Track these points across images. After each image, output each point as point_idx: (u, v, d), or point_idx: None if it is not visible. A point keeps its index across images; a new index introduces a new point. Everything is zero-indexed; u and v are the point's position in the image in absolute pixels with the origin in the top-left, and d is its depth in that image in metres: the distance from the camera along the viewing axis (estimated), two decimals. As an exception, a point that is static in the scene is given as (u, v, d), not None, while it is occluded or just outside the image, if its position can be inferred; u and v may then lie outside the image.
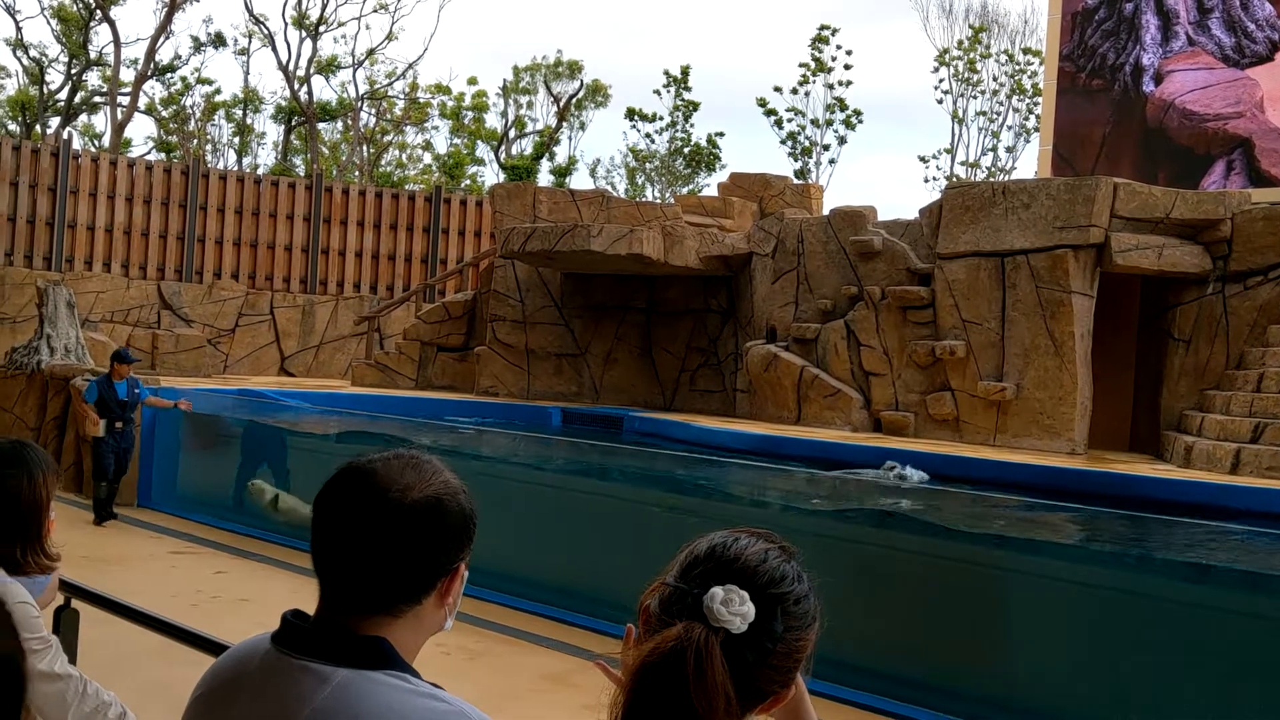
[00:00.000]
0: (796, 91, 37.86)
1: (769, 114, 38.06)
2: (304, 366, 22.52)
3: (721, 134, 38.53)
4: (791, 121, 37.97)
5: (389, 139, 39.93)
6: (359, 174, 37.13)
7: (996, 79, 37.94)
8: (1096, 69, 19.71)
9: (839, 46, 37.45)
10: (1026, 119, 37.38)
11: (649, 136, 39.36)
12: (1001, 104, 38.00)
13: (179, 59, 37.81)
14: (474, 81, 39.72)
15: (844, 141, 38.02)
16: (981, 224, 13.26)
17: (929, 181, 41.29)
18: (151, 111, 37.78)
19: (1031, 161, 39.35)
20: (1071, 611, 6.86)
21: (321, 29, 35.92)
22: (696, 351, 17.29)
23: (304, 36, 35.99)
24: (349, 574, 1.62)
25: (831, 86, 37.65)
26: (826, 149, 38.06)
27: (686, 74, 38.82)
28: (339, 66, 37.54)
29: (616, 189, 38.99)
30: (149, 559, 10.58)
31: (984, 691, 6.92)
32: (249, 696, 1.61)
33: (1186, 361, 12.92)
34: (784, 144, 38.12)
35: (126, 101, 34.52)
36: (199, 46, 37.37)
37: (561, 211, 17.78)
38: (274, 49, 37.54)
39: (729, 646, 1.40)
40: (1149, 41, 19.21)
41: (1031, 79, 36.71)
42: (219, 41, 37.44)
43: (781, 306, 15.30)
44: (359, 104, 37.65)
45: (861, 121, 37.76)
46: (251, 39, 38.42)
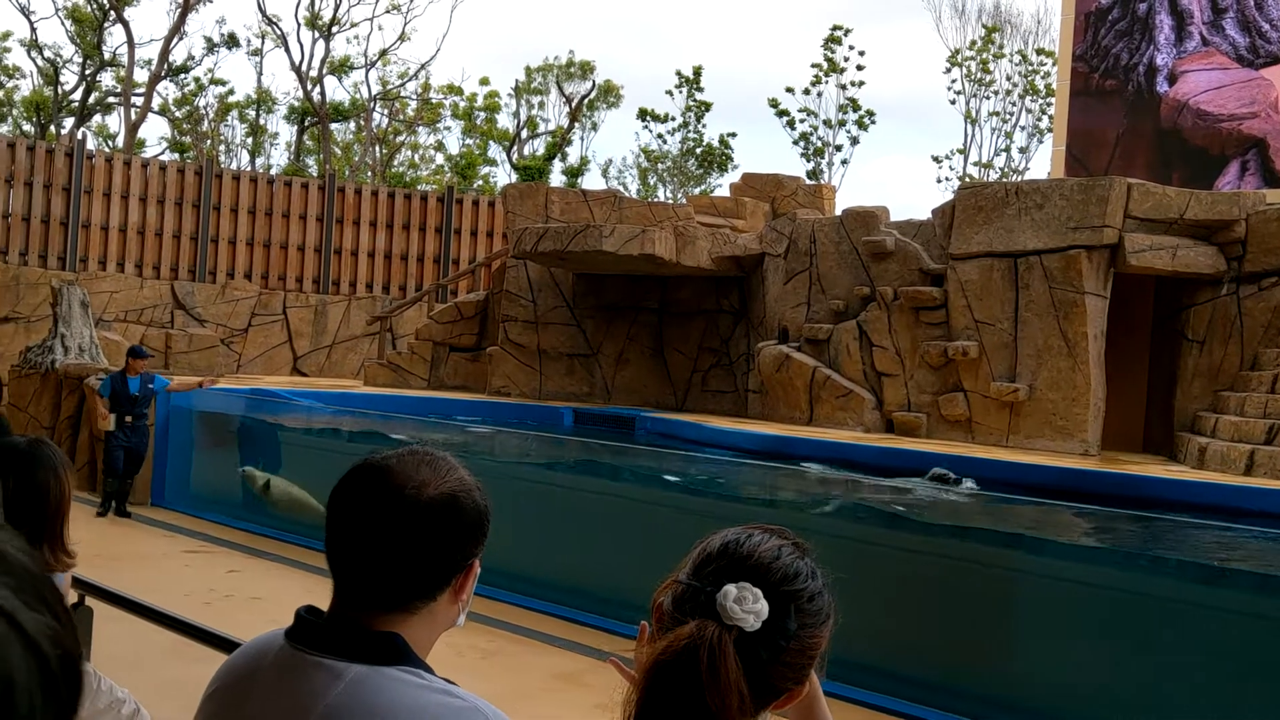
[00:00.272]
0: (809, 92, 37.84)
1: (781, 114, 38.04)
2: (316, 366, 22.57)
3: (734, 134, 38.54)
4: (804, 122, 37.95)
5: (401, 139, 39.99)
6: (372, 174, 37.19)
7: (1010, 79, 37.85)
8: (1110, 69, 19.65)
9: (851, 47, 37.42)
10: (1040, 119, 37.28)
11: (661, 137, 39.37)
12: (1014, 104, 37.92)
13: (192, 60, 37.96)
14: (486, 82, 39.84)
15: (856, 142, 37.99)
16: (994, 224, 13.23)
17: (942, 182, 41.21)
18: (165, 112, 37.92)
19: (1045, 162, 39.22)
20: (1086, 612, 6.84)
21: (334, 30, 36.01)
22: (708, 352, 17.28)
23: (317, 37, 36.09)
24: (364, 570, 1.62)
25: (844, 87, 37.62)
26: (839, 149, 38.03)
27: (699, 74, 38.81)
28: (352, 67, 37.63)
29: (629, 189, 38.99)
30: (162, 558, 10.61)
31: (996, 692, 6.91)
32: (263, 692, 1.61)
33: (1200, 362, 12.87)
34: (796, 144, 38.12)
35: (140, 102, 34.64)
36: (212, 47, 37.50)
37: (574, 212, 17.78)
38: (287, 50, 37.65)
39: (742, 644, 1.40)
40: (1163, 42, 19.15)
41: (1045, 79, 36.61)
42: (232, 42, 37.55)
43: (794, 307, 15.28)
44: (372, 104, 37.73)
45: (874, 122, 37.73)
46: (264, 40, 38.61)
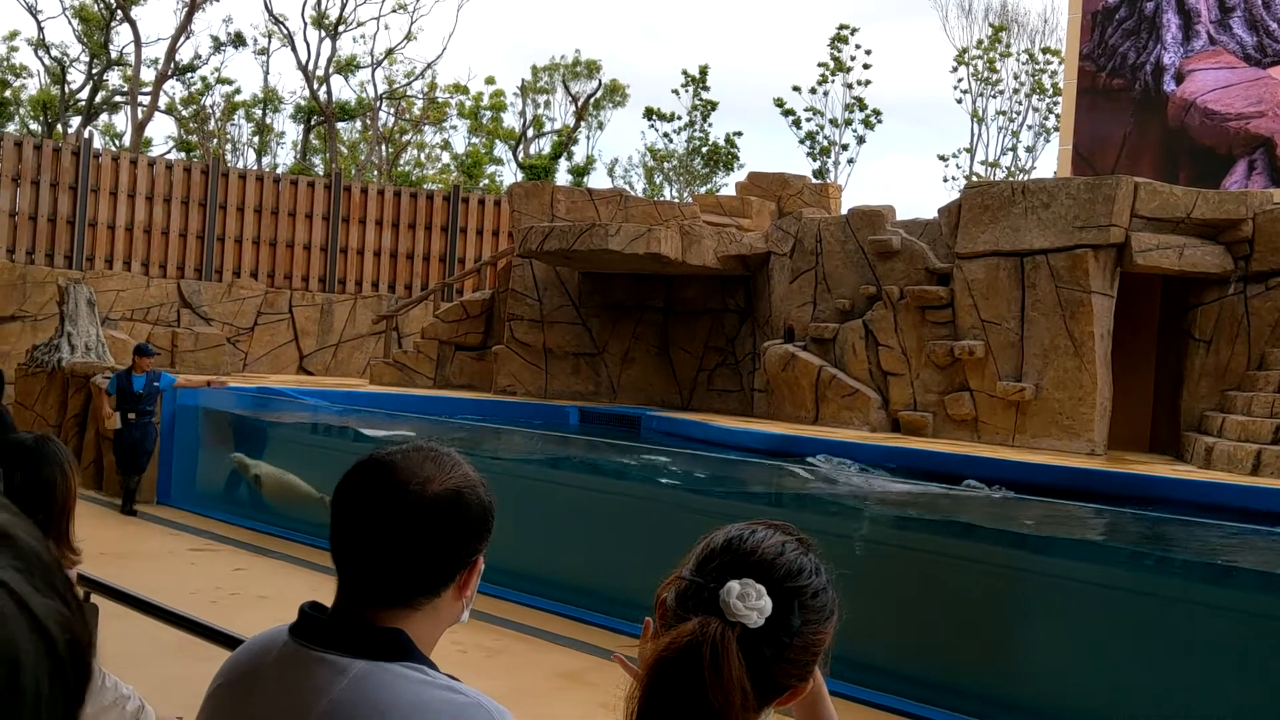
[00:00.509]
0: (815, 91, 37.84)
1: (787, 114, 38.04)
2: (322, 365, 22.59)
3: (740, 133, 38.55)
4: (810, 121, 37.95)
5: (407, 138, 40.02)
6: (377, 173, 37.23)
7: (1016, 78, 37.82)
8: (1117, 68, 19.61)
9: (858, 46, 37.42)
10: (1046, 118, 37.23)
11: (667, 136, 39.39)
12: (1021, 103, 37.88)
13: (199, 59, 38.06)
14: (492, 81, 39.79)
15: (862, 141, 38.00)
16: (1001, 223, 13.20)
17: (948, 181, 41.20)
18: (172, 111, 37.99)
19: (1051, 161, 39.07)
20: (1093, 612, 6.83)
21: (341, 29, 36.04)
22: (714, 351, 17.27)
23: (323, 36, 36.12)
24: (368, 566, 1.62)
25: (850, 86, 37.61)
26: (845, 149, 38.03)
27: (705, 74, 38.81)
28: (358, 66, 37.66)
29: (634, 188, 38.99)
30: (168, 555, 10.63)
31: (1006, 693, 6.90)
32: (266, 688, 1.61)
33: (1207, 362, 12.84)
34: (802, 144, 38.12)
35: (147, 101, 34.70)
36: (219, 46, 37.58)
37: (579, 211, 17.78)
38: (293, 49, 37.63)
39: (745, 641, 1.39)
40: (1170, 41, 19.11)
41: (1051, 78, 36.57)
42: (239, 41, 37.62)
43: (799, 306, 15.27)
44: (378, 104, 37.76)
45: (880, 121, 37.74)
46: (271, 39, 38.64)
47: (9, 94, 37.16)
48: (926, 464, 11.34)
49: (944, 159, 49.19)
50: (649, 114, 39.22)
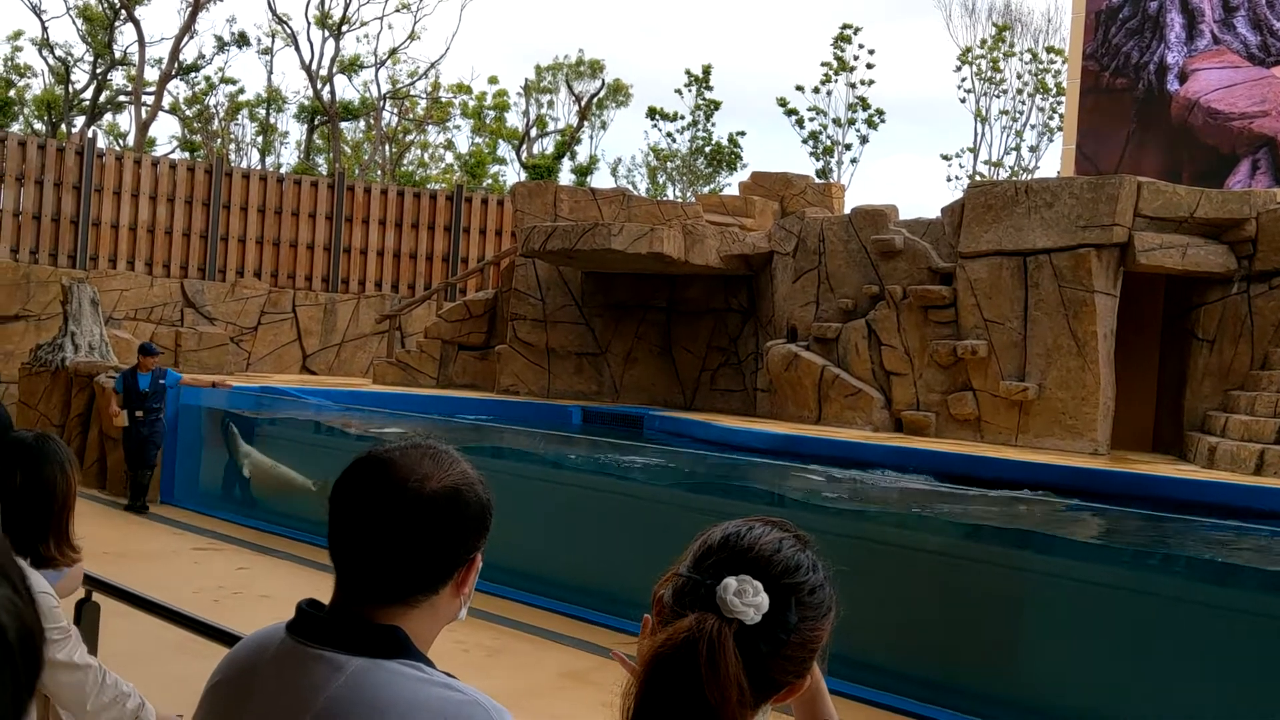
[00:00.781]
0: (818, 91, 37.82)
1: (790, 113, 38.01)
2: (326, 365, 22.60)
3: (743, 133, 38.56)
4: (813, 121, 37.92)
5: (411, 138, 40.03)
6: (381, 173, 37.24)
7: (1020, 77, 37.78)
8: (1120, 68, 19.59)
9: (861, 45, 37.41)
10: (1050, 118, 37.20)
11: (670, 136, 39.38)
12: (1024, 103, 37.85)
13: (203, 58, 38.07)
14: (495, 80, 39.82)
15: (866, 141, 37.97)
16: (1004, 223, 13.19)
17: (951, 181, 41.18)
18: (175, 111, 38.02)
19: (1055, 160, 39.12)
20: (1097, 612, 6.82)
21: (344, 28, 36.06)
22: (717, 351, 17.26)
23: (327, 36, 36.15)
24: (366, 563, 1.62)
25: (854, 85, 37.60)
26: (848, 148, 38.01)
27: (708, 73, 38.80)
28: (361, 66, 37.67)
29: (638, 188, 39.01)
30: (171, 555, 10.64)
31: (1009, 694, 6.90)
32: (264, 685, 1.61)
33: (1210, 362, 12.82)
34: (805, 143, 38.09)
35: (151, 101, 34.73)
36: (223, 46, 37.60)
37: (582, 210, 17.78)
38: (297, 48, 37.69)
39: (742, 637, 1.38)
40: (1173, 40, 19.09)
41: (1055, 78, 36.54)
42: (242, 41, 37.64)
43: (802, 306, 15.26)
44: (381, 103, 37.75)
45: (884, 121, 37.69)
46: (275, 38, 38.64)
47: (13, 93, 37.21)
48: (930, 464, 11.33)
49: (947, 159, 49.21)
50: (652, 114, 39.22)
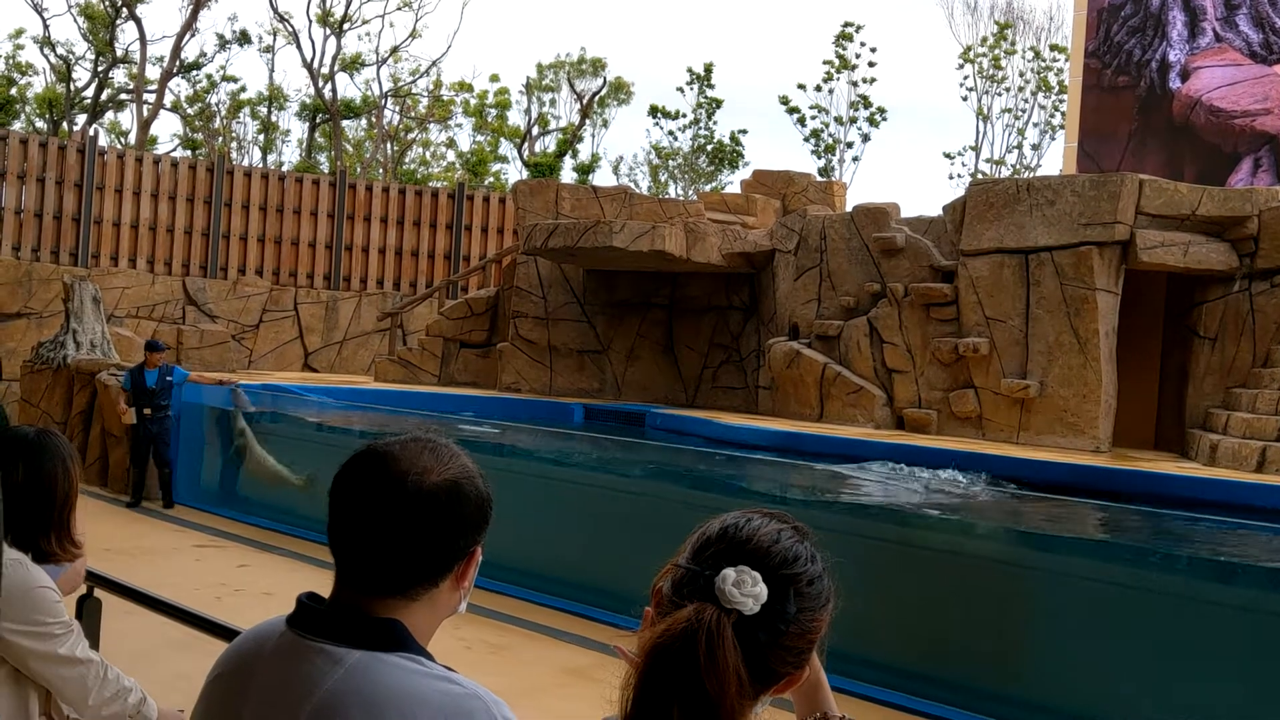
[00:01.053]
0: (820, 89, 37.79)
1: (792, 111, 37.98)
2: (327, 362, 22.61)
3: (744, 131, 38.50)
4: (815, 119, 37.89)
5: (412, 136, 40.02)
6: (383, 171, 37.25)
7: (1022, 75, 37.75)
8: (1122, 65, 19.58)
9: (863, 44, 37.38)
10: (1052, 116, 37.18)
11: (672, 134, 39.36)
12: (1027, 101, 37.82)
13: (204, 56, 38.03)
14: (497, 78, 39.78)
15: (867, 139, 37.92)
16: (1005, 221, 13.19)
17: (954, 179, 41.15)
18: (177, 109, 38.00)
19: (1057, 158, 39.16)
20: (1101, 610, 6.81)
21: (346, 26, 36.04)
22: (719, 348, 17.27)
23: (328, 34, 36.14)
24: (366, 557, 1.62)
25: (855, 84, 37.56)
26: (850, 146, 37.97)
27: (710, 71, 38.78)
28: (363, 64, 37.67)
29: (639, 186, 38.99)
30: (173, 552, 10.65)
31: (1015, 692, 6.90)
32: (263, 678, 1.61)
33: (1212, 359, 12.82)
34: (807, 141, 38.06)
35: (152, 99, 34.74)
36: (224, 44, 37.58)
37: (584, 208, 17.78)
38: (298, 46, 37.65)
39: (741, 628, 1.39)
40: (1175, 38, 19.08)
41: (1057, 76, 36.51)
42: (244, 39, 37.62)
43: (804, 303, 15.26)
44: (383, 101, 37.76)
45: (885, 119, 37.65)
46: (276, 36, 38.65)
47: (15, 92, 37.21)
48: (931, 461, 11.33)
49: (950, 157, 49.14)
50: (654, 112, 39.20)
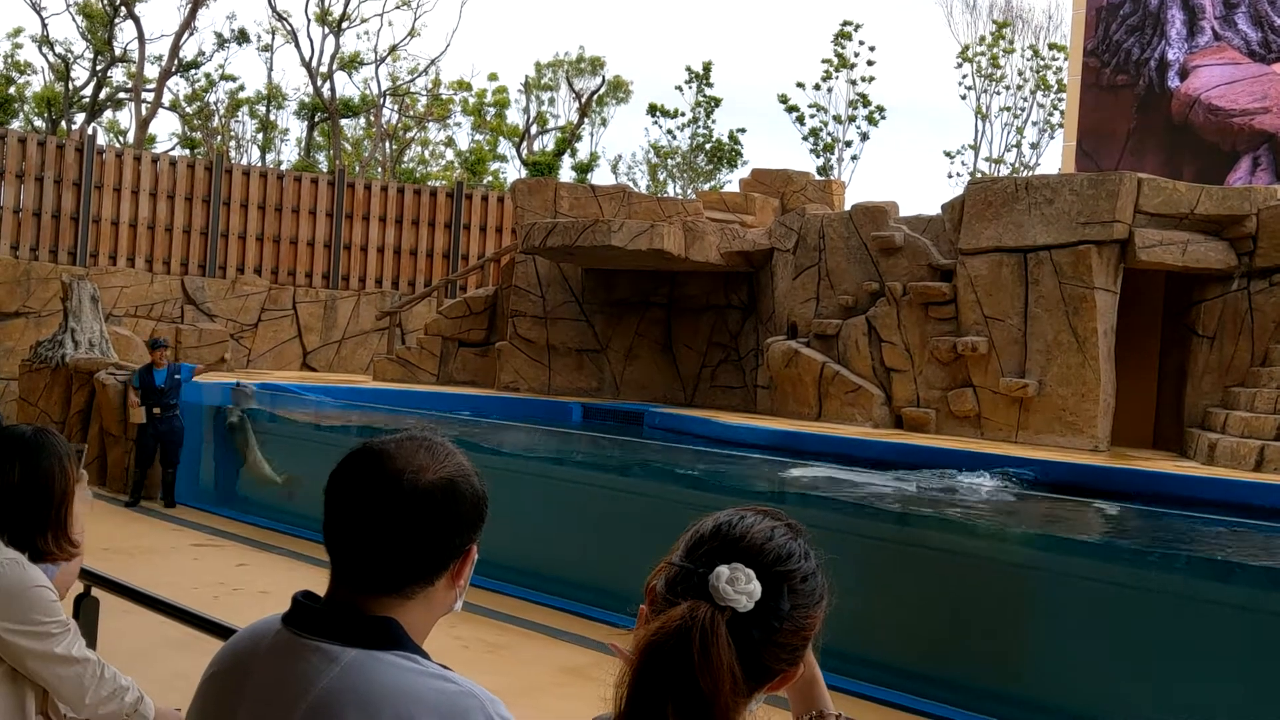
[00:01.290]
0: (819, 88, 37.76)
1: (791, 110, 37.97)
2: (326, 361, 22.60)
3: (743, 130, 38.50)
4: (814, 117, 37.88)
5: (411, 135, 40.01)
6: (381, 170, 37.23)
7: (1021, 74, 37.75)
8: (1121, 64, 19.58)
9: (862, 42, 37.35)
10: (1051, 115, 37.18)
11: (671, 133, 39.34)
12: (1025, 99, 37.82)
13: (203, 55, 38.06)
14: (495, 77, 39.80)
15: (866, 138, 37.90)
16: (1004, 219, 13.19)
17: (952, 177, 41.14)
18: (176, 108, 37.98)
19: (1056, 157, 39.11)
20: (1103, 610, 6.82)
21: (344, 25, 36.02)
22: (717, 347, 17.27)
23: (327, 33, 36.11)
24: (362, 555, 1.62)
25: (854, 83, 37.54)
26: (848, 145, 37.96)
27: (708, 70, 38.76)
28: (362, 63, 37.65)
29: (638, 185, 38.97)
30: (171, 551, 10.65)
31: (1016, 691, 6.90)
32: (259, 676, 1.61)
33: (1211, 358, 12.82)
34: (806, 140, 38.04)
35: (151, 98, 34.71)
36: (223, 43, 37.56)
37: (583, 207, 17.78)
38: (297, 45, 37.64)
39: (735, 625, 1.39)
40: (1174, 36, 19.08)
41: (1056, 74, 36.51)
42: (242, 38, 37.60)
43: (802, 302, 15.26)
44: (381, 100, 37.74)
45: (884, 117, 37.63)
46: (275, 35, 38.62)
47: (13, 90, 37.19)
48: (930, 460, 11.33)
49: (949, 155, 49.13)
50: (653, 110, 39.18)
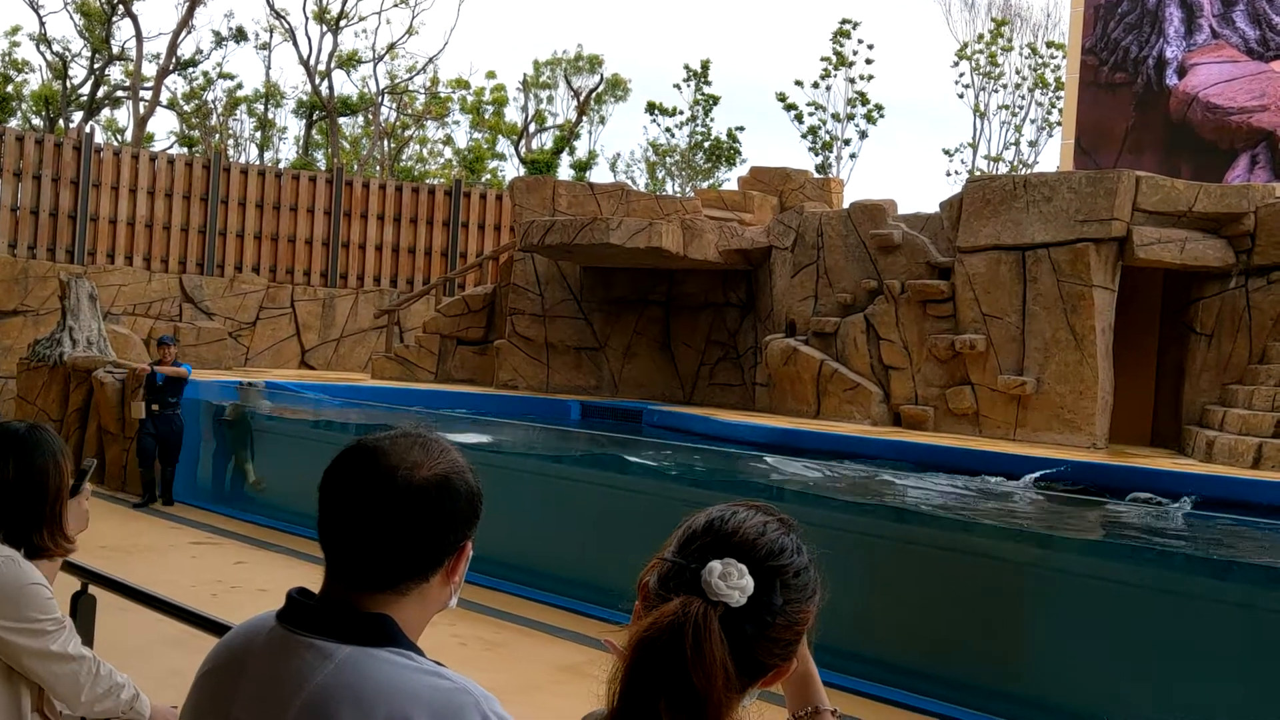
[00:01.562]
0: (817, 86, 37.75)
1: (789, 108, 37.96)
2: (324, 360, 22.59)
3: (742, 128, 38.47)
4: (812, 116, 37.87)
5: (409, 133, 39.99)
6: (379, 168, 37.21)
7: (1019, 72, 37.75)
8: (1119, 62, 19.58)
9: (860, 41, 37.32)
10: (1049, 113, 37.17)
11: (669, 131, 39.31)
12: (1024, 98, 37.81)
13: (201, 53, 37.99)
14: (493, 76, 39.76)
15: (864, 136, 37.88)
16: (1002, 217, 13.19)
17: (951, 175, 41.14)
18: (173, 106, 37.96)
19: (1054, 155, 39.09)
20: (1106, 609, 6.82)
21: (342, 23, 35.99)
22: (716, 345, 17.27)
23: (325, 31, 36.08)
24: (356, 552, 1.62)
25: (852, 81, 37.52)
26: (847, 143, 37.94)
27: (707, 68, 38.74)
28: (360, 61, 37.62)
29: (636, 183, 38.95)
30: (169, 549, 10.65)
31: (1016, 690, 6.90)
32: (253, 673, 1.61)
33: (1209, 356, 12.83)
34: (804, 138, 38.03)
35: (148, 96, 34.69)
36: (220, 41, 37.52)
37: (581, 205, 17.78)
38: (295, 44, 37.54)
39: (728, 621, 1.39)
40: (1172, 34, 19.08)
41: (1054, 72, 36.50)
42: (240, 36, 37.57)
43: (801, 300, 15.26)
44: (379, 98, 37.73)
45: (882, 116, 37.62)
46: (273, 33, 38.57)
47: (11, 89, 37.15)
48: (928, 458, 11.34)
49: (948, 154, 49.10)
50: (651, 108, 39.16)
